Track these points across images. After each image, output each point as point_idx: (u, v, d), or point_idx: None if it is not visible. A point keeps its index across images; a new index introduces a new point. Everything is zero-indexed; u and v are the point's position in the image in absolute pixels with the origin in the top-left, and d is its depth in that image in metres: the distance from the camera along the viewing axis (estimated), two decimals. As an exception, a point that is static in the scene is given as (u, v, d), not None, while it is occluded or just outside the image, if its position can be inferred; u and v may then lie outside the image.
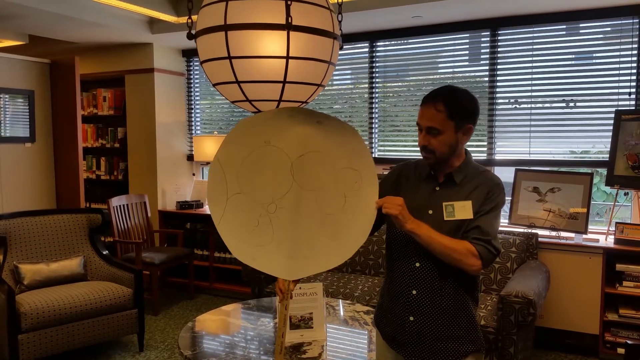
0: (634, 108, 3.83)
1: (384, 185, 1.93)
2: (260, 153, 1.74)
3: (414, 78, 4.69)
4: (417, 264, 1.79)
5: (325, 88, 4.31)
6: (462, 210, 1.75)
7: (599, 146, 4.06)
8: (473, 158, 1.89)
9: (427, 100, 1.76)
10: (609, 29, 3.96)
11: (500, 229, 2.18)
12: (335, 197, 1.74)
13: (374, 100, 4.79)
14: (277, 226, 1.72)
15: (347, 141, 1.76)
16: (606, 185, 3.83)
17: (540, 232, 3.88)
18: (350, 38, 4.73)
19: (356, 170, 1.75)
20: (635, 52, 3.83)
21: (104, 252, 4.09)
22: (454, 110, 1.73)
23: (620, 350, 3.55)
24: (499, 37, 4.26)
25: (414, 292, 1.80)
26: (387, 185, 1.92)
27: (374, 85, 4.79)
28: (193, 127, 5.76)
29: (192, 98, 5.72)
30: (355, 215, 1.73)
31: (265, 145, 1.74)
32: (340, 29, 2.12)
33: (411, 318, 1.81)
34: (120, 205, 4.95)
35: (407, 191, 1.85)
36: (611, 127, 3.79)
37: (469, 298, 1.82)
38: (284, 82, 1.93)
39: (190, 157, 5.73)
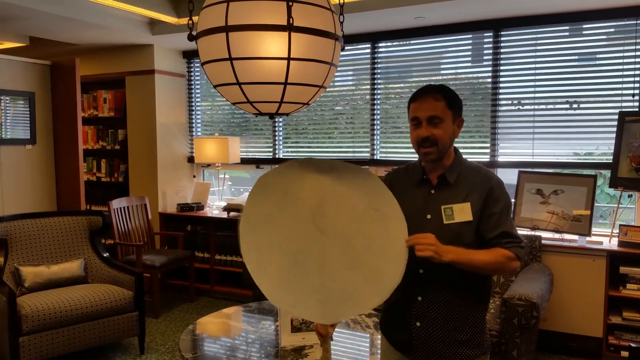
0: (637, 109, 3.81)
1: None
2: (281, 204, 1.75)
3: (416, 79, 4.67)
4: (421, 271, 1.77)
5: (327, 89, 4.30)
6: (461, 212, 1.73)
7: (602, 148, 4.04)
8: (471, 159, 1.88)
9: (422, 93, 1.77)
10: (612, 30, 3.94)
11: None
12: (360, 240, 1.73)
13: (375, 102, 4.77)
14: (308, 274, 1.73)
15: (364, 182, 1.76)
16: (610, 187, 3.81)
17: (543, 234, 3.86)
18: (352, 39, 4.71)
19: (378, 210, 1.74)
20: (638, 53, 3.81)
21: (105, 255, 4.07)
22: (451, 100, 1.76)
23: (624, 354, 3.53)
24: (502, 38, 4.24)
25: (420, 298, 1.78)
26: None
27: (375, 86, 4.77)
28: (194, 129, 5.75)
29: (193, 99, 5.71)
30: (384, 255, 1.72)
31: (284, 195, 1.76)
32: (342, 30, 2.10)
33: (418, 324, 1.79)
34: (120, 208, 4.94)
35: (401, 199, 1.82)
36: (615, 129, 3.77)
37: (476, 302, 1.80)
38: (285, 83, 1.91)
39: (191, 159, 5.72)
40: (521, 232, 3.87)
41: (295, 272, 1.72)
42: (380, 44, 4.73)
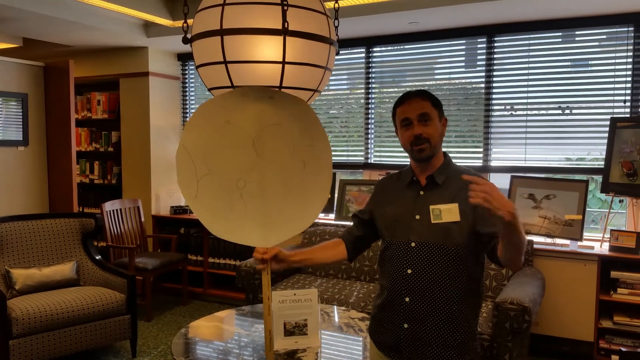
0: (629, 116, 3.84)
1: (369, 203, 1.99)
2: (222, 133, 1.84)
3: (410, 84, 4.68)
4: (409, 271, 1.78)
5: (322, 93, 4.31)
6: (449, 213, 1.74)
7: (594, 153, 4.07)
8: (463, 163, 1.92)
9: (407, 96, 1.83)
10: (604, 36, 3.98)
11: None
12: (295, 165, 1.89)
13: (370, 106, 4.79)
14: (248, 199, 1.85)
15: (299, 113, 1.90)
16: (601, 192, 3.83)
17: (535, 238, 3.87)
18: (347, 43, 4.72)
19: (311, 146, 1.91)
20: (630, 59, 3.85)
21: (97, 257, 4.05)
22: (434, 100, 1.82)
23: (615, 358, 3.55)
24: (495, 44, 4.27)
25: (407, 299, 1.78)
26: (371, 202, 1.98)
27: (370, 90, 4.78)
28: (188, 132, 5.73)
29: (187, 102, 5.70)
30: (316, 177, 1.90)
31: (226, 124, 1.84)
32: (336, 35, 2.11)
33: (405, 325, 1.79)
34: (113, 210, 4.92)
35: (391, 201, 1.88)
36: (606, 135, 3.80)
37: (465, 305, 1.78)
38: (280, 87, 1.92)
39: (184, 162, 5.69)
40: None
41: (235, 199, 1.82)
42: (374, 49, 4.75)
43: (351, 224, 2.06)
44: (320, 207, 1.91)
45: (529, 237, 3.85)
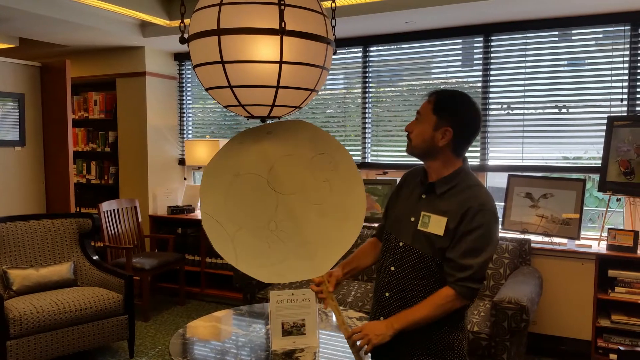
0: (626, 114, 3.85)
1: (390, 197, 1.98)
2: (236, 186, 1.82)
3: (407, 83, 4.69)
4: (392, 268, 1.81)
5: (319, 92, 4.32)
6: (436, 225, 1.72)
7: (591, 152, 4.08)
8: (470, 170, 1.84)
9: (428, 93, 1.81)
10: (601, 35, 3.99)
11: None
12: (319, 186, 1.83)
13: (367, 105, 4.79)
14: (285, 238, 1.80)
15: (302, 134, 1.86)
16: (598, 191, 3.84)
17: (533, 237, 3.88)
18: (344, 42, 4.72)
19: (324, 153, 1.84)
20: (627, 58, 3.85)
21: (94, 258, 4.04)
22: (440, 106, 1.74)
23: (613, 356, 3.55)
24: (492, 43, 4.27)
25: (387, 294, 1.82)
26: (392, 197, 1.97)
27: (367, 89, 4.78)
28: (185, 131, 5.73)
29: (184, 102, 5.69)
30: (346, 192, 1.83)
31: (236, 177, 1.82)
32: (333, 34, 2.11)
33: (381, 318, 1.82)
34: (110, 210, 4.91)
35: (403, 197, 1.89)
36: (603, 133, 3.80)
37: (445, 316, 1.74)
38: (277, 87, 1.92)
39: (181, 162, 5.70)
40: (511, 235, 3.90)
41: (273, 242, 1.78)
42: (371, 48, 4.75)
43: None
44: (361, 218, 1.82)
45: (526, 236, 3.85)
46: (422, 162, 1.86)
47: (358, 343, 1.70)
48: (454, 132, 1.73)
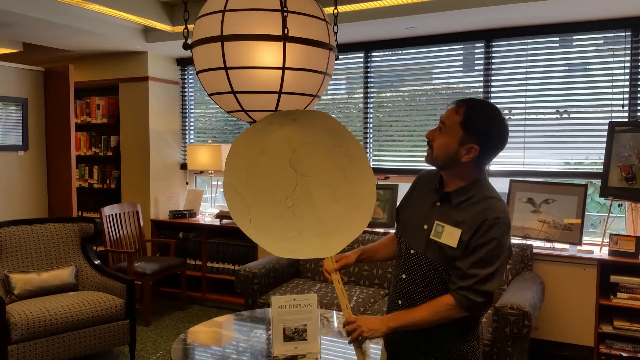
0: (627, 120, 3.85)
1: (404, 197, 1.96)
2: (260, 163, 1.95)
3: (408, 88, 4.70)
4: (404, 276, 1.81)
5: (320, 98, 4.33)
6: (450, 236, 1.69)
7: (592, 157, 4.08)
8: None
9: (455, 101, 1.71)
10: (602, 41, 3.99)
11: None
12: (335, 173, 1.96)
13: (368, 110, 4.80)
14: (300, 215, 1.94)
15: (323, 123, 1.96)
16: (600, 196, 3.84)
17: (534, 243, 3.88)
18: (346, 48, 4.74)
19: (340, 146, 1.95)
20: (628, 64, 3.86)
21: (96, 262, 4.05)
22: (469, 121, 1.64)
23: (615, 362, 3.55)
24: (493, 49, 4.28)
25: (400, 302, 1.83)
26: (404, 198, 1.96)
27: (368, 94, 4.79)
28: (187, 136, 5.75)
29: (187, 106, 5.71)
30: (358, 184, 1.94)
31: (260, 154, 1.95)
32: (335, 40, 2.12)
33: None
34: (112, 215, 4.92)
35: (415, 201, 1.87)
36: (605, 139, 3.81)
37: (449, 326, 1.73)
38: (280, 92, 1.93)
39: (183, 166, 5.71)
40: (512, 240, 3.89)
41: (288, 218, 1.92)
42: (373, 53, 4.76)
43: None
44: (370, 210, 1.94)
45: (528, 242, 3.85)
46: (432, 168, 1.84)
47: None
48: (480, 150, 1.66)
